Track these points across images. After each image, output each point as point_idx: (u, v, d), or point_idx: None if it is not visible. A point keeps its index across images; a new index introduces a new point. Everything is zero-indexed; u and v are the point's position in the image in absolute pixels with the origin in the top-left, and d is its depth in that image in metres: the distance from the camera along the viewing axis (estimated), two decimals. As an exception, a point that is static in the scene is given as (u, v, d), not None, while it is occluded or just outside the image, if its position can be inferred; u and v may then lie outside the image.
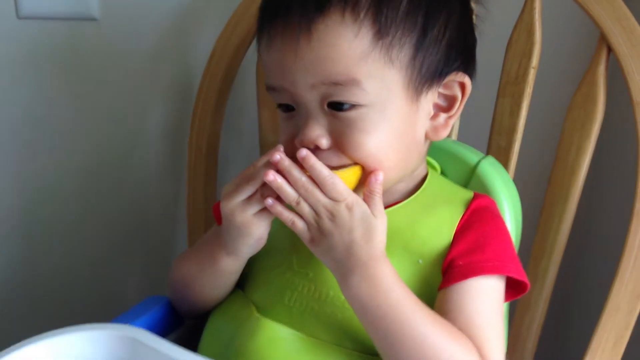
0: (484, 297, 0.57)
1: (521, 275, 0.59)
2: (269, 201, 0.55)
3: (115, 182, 0.99)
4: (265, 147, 0.86)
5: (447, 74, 0.59)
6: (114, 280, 1.04)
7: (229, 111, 0.88)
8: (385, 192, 0.58)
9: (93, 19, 0.91)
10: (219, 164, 0.89)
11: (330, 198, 0.55)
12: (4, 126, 0.96)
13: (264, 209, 0.57)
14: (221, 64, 0.84)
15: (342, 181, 0.55)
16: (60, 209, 1.00)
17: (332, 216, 0.55)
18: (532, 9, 0.73)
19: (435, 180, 0.65)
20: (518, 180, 0.73)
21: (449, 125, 0.61)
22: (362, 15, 0.54)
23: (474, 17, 0.64)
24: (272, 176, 0.54)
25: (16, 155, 0.98)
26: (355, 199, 0.55)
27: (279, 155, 0.55)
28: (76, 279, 1.03)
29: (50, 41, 0.92)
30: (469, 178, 0.69)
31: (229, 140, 0.94)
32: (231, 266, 0.62)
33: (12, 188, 0.99)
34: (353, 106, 0.56)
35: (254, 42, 0.83)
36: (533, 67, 0.74)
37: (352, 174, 0.56)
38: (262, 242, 0.59)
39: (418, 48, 0.56)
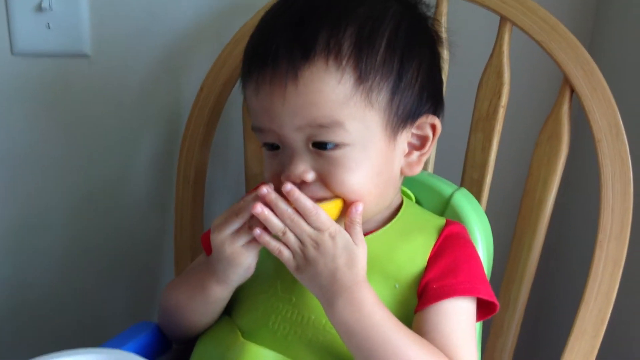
0: (458, 317, 0.60)
1: (491, 296, 0.62)
2: (257, 231, 0.58)
3: (104, 211, 1.00)
4: (251, 178, 0.88)
5: (419, 115, 0.63)
6: (102, 307, 1.04)
7: (215, 143, 0.90)
8: (364, 222, 0.61)
9: (85, 56, 0.93)
10: (205, 194, 0.90)
11: (315, 228, 0.57)
12: (-5, 157, 0.98)
13: (252, 240, 0.59)
14: (209, 98, 0.86)
15: (325, 212, 0.58)
16: (49, 238, 1.01)
17: (317, 244, 0.57)
18: (500, 52, 0.77)
19: (409, 209, 0.68)
20: (490, 211, 0.76)
21: (422, 162, 0.65)
22: (344, 62, 0.57)
23: (441, 61, 0.68)
24: (259, 208, 0.57)
25: (6, 186, 0.99)
26: (338, 229, 0.58)
27: (266, 189, 0.58)
28: (64, 305, 1.03)
29: (43, 76, 0.94)
30: (444, 209, 0.72)
31: (215, 171, 0.96)
32: (220, 294, 0.64)
33: (3, 217, 1.00)
34: (337, 145, 0.59)
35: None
36: (502, 106, 0.77)
37: (334, 206, 0.60)
38: (251, 271, 0.62)
39: (394, 91, 0.60)
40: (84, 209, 1.00)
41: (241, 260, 0.60)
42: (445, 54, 0.79)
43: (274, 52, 0.58)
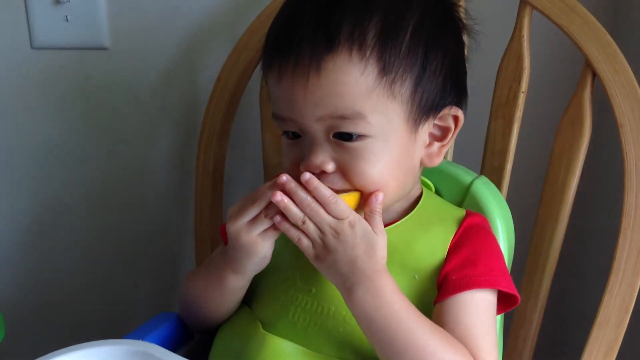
0: (478, 309, 0.60)
1: (512, 289, 0.62)
2: (278, 218, 0.58)
3: (126, 204, 1.02)
4: (269, 168, 0.88)
5: (442, 106, 0.62)
6: (124, 299, 1.06)
7: (234, 134, 0.90)
8: (383, 212, 0.60)
9: (104, 48, 0.94)
10: (225, 185, 0.91)
11: (334, 216, 0.57)
12: (19, 150, 0.99)
13: (268, 229, 0.59)
14: (226, 89, 0.87)
15: (344, 201, 0.58)
16: (71, 231, 1.03)
17: (336, 233, 0.57)
18: (520, 36, 0.76)
19: (429, 200, 0.68)
20: (510, 199, 0.75)
21: (442, 153, 0.64)
22: (368, 53, 0.57)
23: (465, 50, 0.67)
24: (279, 197, 0.57)
25: (31, 178, 1.00)
26: (357, 217, 0.58)
27: (285, 177, 0.58)
28: (87, 298, 1.05)
29: (62, 70, 0.95)
30: (464, 197, 0.72)
31: (234, 162, 0.96)
32: (237, 284, 0.64)
33: (28, 210, 1.02)
34: (358, 136, 0.58)
35: (258, 68, 0.86)
36: (523, 92, 0.76)
37: (352, 198, 0.59)
38: (267, 261, 0.62)
39: (418, 83, 0.59)
40: (105, 201, 1.02)
41: (257, 249, 0.60)
42: (467, 41, 0.78)
43: (297, 41, 0.57)
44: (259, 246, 0.60)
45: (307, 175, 0.57)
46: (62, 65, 0.95)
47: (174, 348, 0.68)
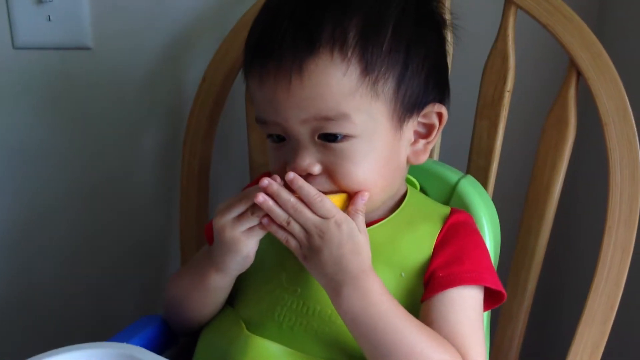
0: (465, 306, 0.60)
1: (498, 285, 0.62)
2: (265, 220, 0.58)
3: (110, 205, 1.01)
4: (255, 169, 0.88)
5: (425, 104, 0.62)
6: (108, 301, 1.05)
7: (219, 134, 0.90)
8: (369, 211, 0.61)
9: (87, 48, 0.93)
10: (210, 186, 0.90)
11: (320, 216, 0.57)
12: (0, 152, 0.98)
13: (253, 228, 0.59)
14: (211, 89, 0.86)
15: (330, 200, 0.58)
16: (55, 233, 1.01)
17: (322, 233, 0.57)
18: (505, 36, 0.76)
19: (414, 198, 0.68)
20: (496, 198, 0.75)
21: (428, 150, 0.64)
22: (349, 53, 0.56)
23: (446, 45, 0.67)
24: (261, 198, 0.57)
25: (10, 182, 0.99)
26: (344, 216, 0.58)
27: (267, 181, 0.57)
28: (71, 301, 1.04)
29: (45, 70, 0.94)
30: (450, 196, 0.72)
31: (220, 162, 0.95)
32: (220, 283, 0.64)
33: (8, 212, 1.00)
34: (343, 137, 0.58)
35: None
36: (508, 91, 0.76)
37: (339, 198, 0.59)
38: (250, 260, 0.62)
39: (401, 81, 0.59)
40: (89, 203, 1.01)
41: (240, 247, 0.60)
42: (449, 37, 0.78)
43: (278, 44, 0.57)
44: (242, 244, 0.60)
45: (291, 175, 0.57)
46: (44, 65, 0.94)
47: (158, 351, 0.67)
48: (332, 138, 0.58)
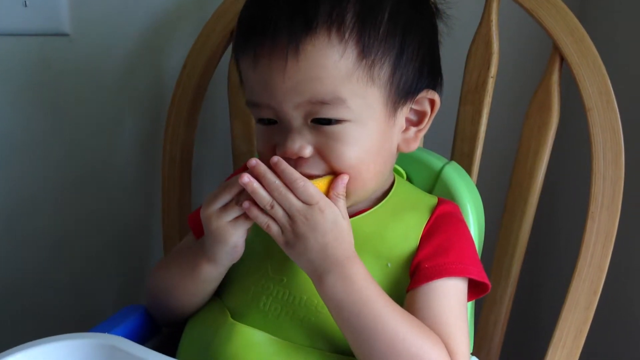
0: (449, 296, 0.60)
1: (482, 277, 0.62)
2: (246, 204, 0.57)
3: (91, 194, 1.00)
4: (238, 157, 0.87)
5: (419, 90, 0.62)
6: (91, 292, 1.04)
7: (201, 121, 0.89)
8: (361, 201, 0.61)
9: (65, 35, 0.91)
10: (192, 173, 0.89)
11: (303, 201, 0.56)
12: (-23, 141, 0.96)
13: (239, 217, 0.58)
14: (193, 75, 0.85)
15: (313, 184, 0.57)
16: (35, 224, 1.00)
17: (306, 219, 0.56)
18: (489, 21, 0.76)
19: (401, 187, 0.67)
20: (480, 184, 0.75)
21: (419, 138, 0.64)
22: (347, 35, 0.56)
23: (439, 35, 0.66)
24: (247, 179, 0.56)
25: (-10, 170, 0.97)
26: (327, 202, 0.57)
27: (255, 161, 0.57)
28: (53, 291, 1.03)
29: (21, 57, 0.92)
30: (434, 183, 0.72)
31: (202, 149, 0.95)
32: (211, 273, 0.63)
33: (-13, 202, 0.99)
34: (338, 121, 0.58)
35: (226, 54, 0.85)
36: (492, 77, 0.76)
37: (324, 183, 0.58)
38: (239, 250, 0.61)
39: (396, 66, 0.58)
40: (69, 192, 0.99)
41: (226, 237, 0.59)
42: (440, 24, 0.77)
43: (274, 23, 0.56)
44: (228, 234, 0.59)
45: (275, 158, 0.57)
46: (20, 52, 0.92)
47: (141, 341, 0.67)
48: (325, 121, 0.58)
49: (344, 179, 0.58)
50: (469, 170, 0.76)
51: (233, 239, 0.59)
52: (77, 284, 1.03)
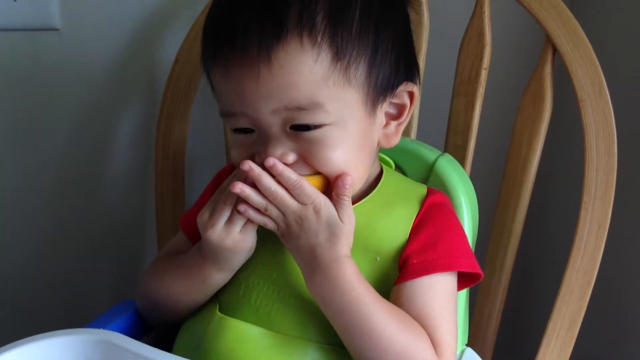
0: (437, 291, 0.60)
1: (473, 267, 0.62)
2: (242, 208, 0.57)
3: (83, 191, 0.99)
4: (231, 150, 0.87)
5: (397, 85, 0.61)
6: (84, 288, 1.03)
7: (194, 117, 0.89)
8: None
9: (55, 29, 0.91)
10: (186, 168, 0.89)
11: (300, 202, 0.56)
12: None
13: (246, 223, 0.59)
14: (185, 70, 0.85)
15: (310, 184, 0.57)
16: (28, 221, 1.00)
17: (300, 220, 0.56)
18: (481, 13, 0.76)
19: (390, 178, 0.67)
20: (474, 176, 0.76)
21: (400, 132, 0.63)
22: (319, 38, 0.54)
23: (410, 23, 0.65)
24: (238, 189, 0.56)
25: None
26: (324, 201, 0.57)
27: (248, 165, 0.56)
28: (46, 288, 1.02)
29: (11, 52, 0.92)
30: (428, 175, 0.72)
31: (195, 144, 0.94)
32: (222, 279, 0.63)
33: (-22, 199, 0.98)
34: (317, 126, 0.56)
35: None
36: (484, 68, 0.76)
37: (318, 180, 0.58)
38: (252, 251, 0.61)
39: (372, 64, 0.57)
40: (60, 190, 0.99)
41: (243, 246, 0.60)
42: (425, 18, 0.77)
43: (242, 30, 0.54)
44: (244, 243, 0.59)
45: (271, 161, 0.56)
46: (10, 47, 0.91)
47: (136, 336, 0.65)
48: (304, 127, 0.56)
49: (346, 181, 0.57)
50: (462, 162, 0.76)
51: (249, 244, 0.60)
52: (71, 281, 1.03)
